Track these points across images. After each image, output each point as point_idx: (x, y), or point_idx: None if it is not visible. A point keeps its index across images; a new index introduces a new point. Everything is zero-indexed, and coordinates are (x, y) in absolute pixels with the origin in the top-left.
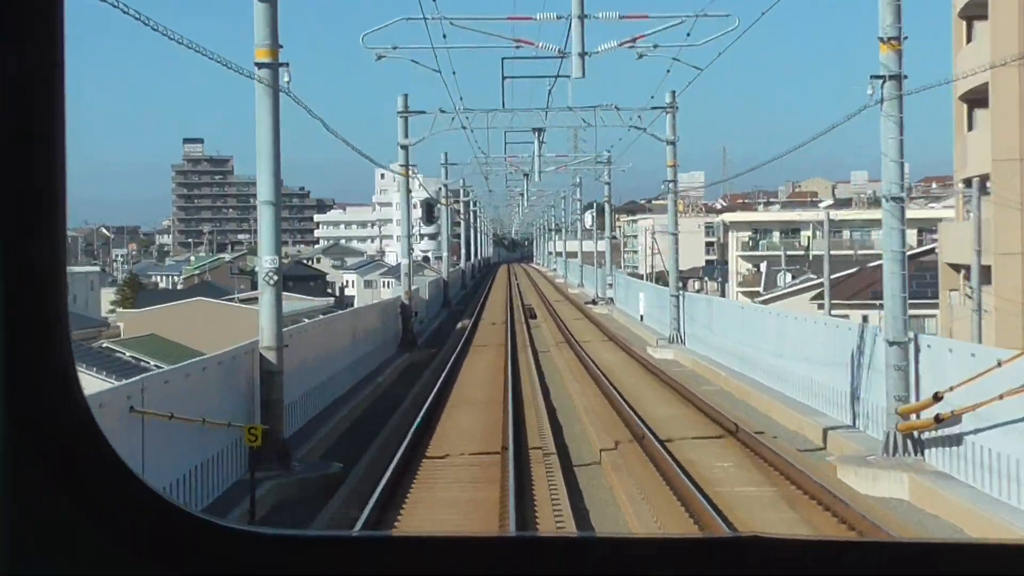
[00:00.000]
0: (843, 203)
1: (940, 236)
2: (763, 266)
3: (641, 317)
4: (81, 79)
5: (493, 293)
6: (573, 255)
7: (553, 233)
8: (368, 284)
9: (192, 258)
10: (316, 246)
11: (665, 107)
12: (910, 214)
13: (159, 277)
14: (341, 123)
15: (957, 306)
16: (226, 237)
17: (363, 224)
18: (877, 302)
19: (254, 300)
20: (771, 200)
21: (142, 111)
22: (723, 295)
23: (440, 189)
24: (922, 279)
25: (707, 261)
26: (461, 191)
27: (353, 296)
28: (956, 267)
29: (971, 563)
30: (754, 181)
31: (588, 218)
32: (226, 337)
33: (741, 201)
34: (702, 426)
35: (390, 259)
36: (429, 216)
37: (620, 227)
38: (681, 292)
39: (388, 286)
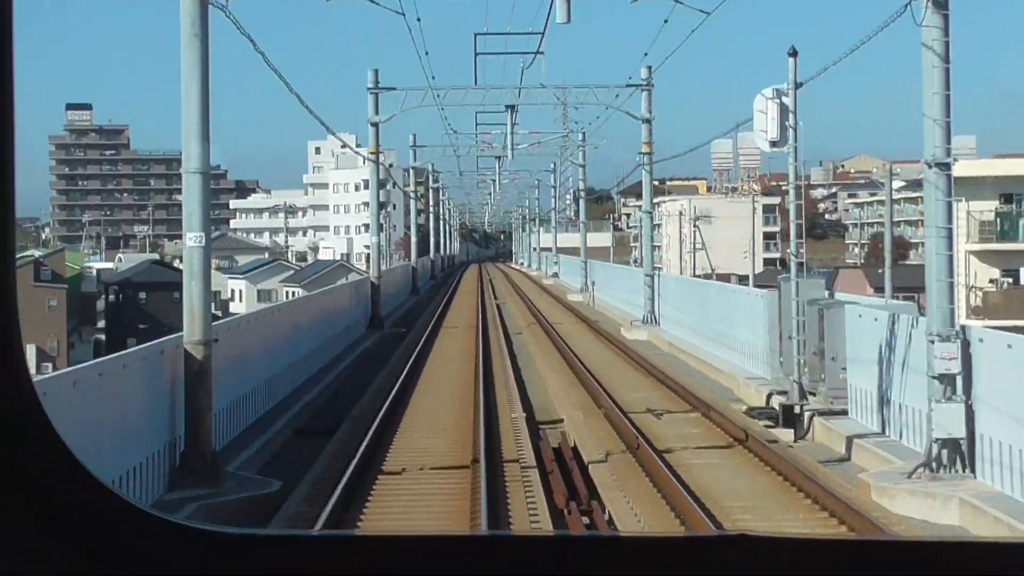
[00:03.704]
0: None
1: None
2: None
3: None
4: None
5: (444, 343)
6: (548, 250)
7: (552, 221)
8: (263, 295)
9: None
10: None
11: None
12: None
13: None
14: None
15: None
16: (119, 229)
17: (292, 212)
18: None
19: None
20: (813, 184)
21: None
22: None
23: (404, 173)
24: None
25: (765, 260)
26: (428, 174)
27: (238, 313)
28: None
29: (964, 561)
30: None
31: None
32: None
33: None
34: None
35: (325, 256)
36: None
37: (626, 215)
38: None
39: (291, 296)
